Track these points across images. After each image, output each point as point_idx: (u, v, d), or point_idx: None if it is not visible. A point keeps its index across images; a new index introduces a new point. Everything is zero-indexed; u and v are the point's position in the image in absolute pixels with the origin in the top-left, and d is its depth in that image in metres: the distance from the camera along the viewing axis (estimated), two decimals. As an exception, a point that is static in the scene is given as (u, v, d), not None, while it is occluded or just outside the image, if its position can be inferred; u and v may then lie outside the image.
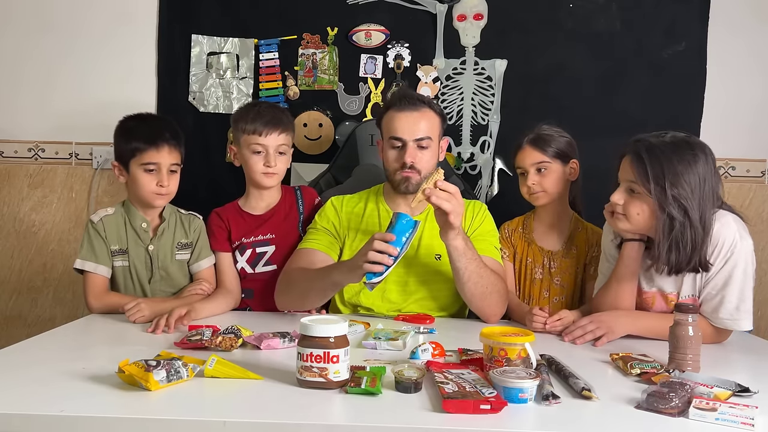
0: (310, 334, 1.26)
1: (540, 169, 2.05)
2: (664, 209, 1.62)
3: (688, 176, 1.62)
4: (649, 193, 1.63)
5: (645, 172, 1.63)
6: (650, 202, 1.65)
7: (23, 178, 2.76)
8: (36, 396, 1.22)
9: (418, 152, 1.94)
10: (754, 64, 2.66)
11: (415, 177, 1.95)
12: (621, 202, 1.70)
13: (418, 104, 1.96)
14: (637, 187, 1.66)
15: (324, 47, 2.67)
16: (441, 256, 1.96)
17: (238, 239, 2.08)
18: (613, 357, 1.52)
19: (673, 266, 1.66)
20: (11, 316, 2.78)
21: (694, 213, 1.62)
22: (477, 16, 2.64)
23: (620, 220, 1.72)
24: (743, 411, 1.16)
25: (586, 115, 2.58)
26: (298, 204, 2.16)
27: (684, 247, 1.63)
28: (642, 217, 1.68)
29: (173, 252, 2.01)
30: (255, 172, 2.05)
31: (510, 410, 1.18)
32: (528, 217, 2.17)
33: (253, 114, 2.05)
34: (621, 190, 1.70)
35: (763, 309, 2.68)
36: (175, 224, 2.02)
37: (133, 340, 1.65)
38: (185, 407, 1.19)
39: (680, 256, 1.64)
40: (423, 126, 1.94)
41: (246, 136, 2.04)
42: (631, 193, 1.69)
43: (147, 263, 1.98)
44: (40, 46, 2.72)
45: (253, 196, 2.12)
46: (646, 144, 1.66)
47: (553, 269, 2.07)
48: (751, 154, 2.65)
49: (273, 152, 2.04)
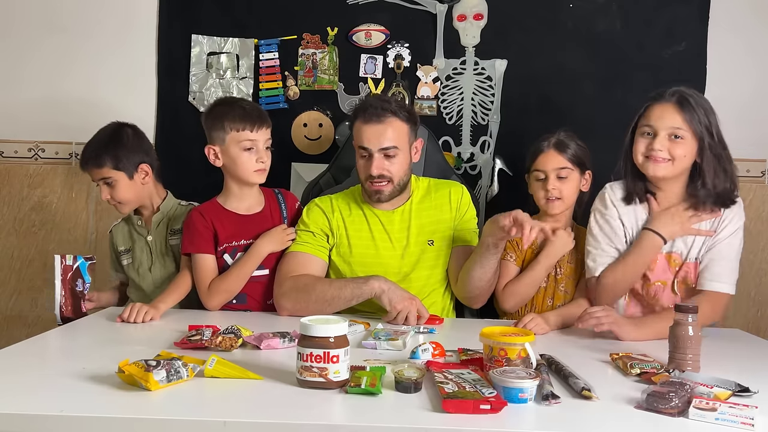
0: (310, 334, 1.26)
1: (561, 176, 2.03)
2: (711, 146, 1.82)
3: (715, 117, 1.85)
4: (695, 135, 1.81)
5: (692, 117, 1.81)
6: (693, 144, 1.83)
7: (23, 178, 2.76)
8: (36, 396, 1.22)
9: (385, 161, 1.97)
10: (754, 64, 2.66)
11: (388, 187, 2.00)
12: (664, 149, 1.82)
13: (381, 115, 1.97)
14: (683, 131, 1.82)
15: (324, 47, 2.67)
16: (434, 242, 2.01)
17: (227, 241, 2.05)
18: (613, 357, 1.52)
19: (720, 194, 1.85)
20: (11, 316, 2.78)
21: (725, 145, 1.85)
22: (477, 16, 2.64)
23: (663, 165, 1.84)
24: (743, 411, 1.16)
25: (587, 115, 2.58)
26: (281, 206, 2.15)
27: (727, 175, 1.84)
28: (687, 159, 1.84)
29: (167, 239, 2.17)
30: (246, 170, 2.03)
31: (510, 410, 1.18)
32: None
33: (239, 110, 2.04)
34: (661, 137, 1.82)
35: (763, 309, 2.68)
36: (170, 214, 2.20)
37: (133, 340, 1.65)
38: (185, 407, 1.19)
39: (725, 183, 1.84)
40: (389, 135, 1.97)
41: (235, 133, 2.01)
42: (674, 139, 1.82)
43: (147, 252, 2.18)
44: (40, 46, 2.72)
45: (234, 195, 2.09)
46: (681, 94, 1.84)
47: (559, 276, 2.05)
48: (751, 154, 2.64)
49: (262, 147, 2.04)
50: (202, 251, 2.03)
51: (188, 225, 2.07)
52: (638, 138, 1.88)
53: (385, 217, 2.06)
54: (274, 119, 2.17)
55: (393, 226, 2.05)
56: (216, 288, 2.01)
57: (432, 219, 2.06)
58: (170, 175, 2.68)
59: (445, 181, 2.16)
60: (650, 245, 1.88)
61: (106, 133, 2.18)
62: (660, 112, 1.84)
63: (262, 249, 2.03)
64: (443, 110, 2.67)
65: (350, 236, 2.06)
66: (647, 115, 1.87)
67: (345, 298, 1.90)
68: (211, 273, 2.03)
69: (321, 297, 1.91)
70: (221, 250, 2.05)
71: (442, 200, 2.09)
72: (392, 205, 2.06)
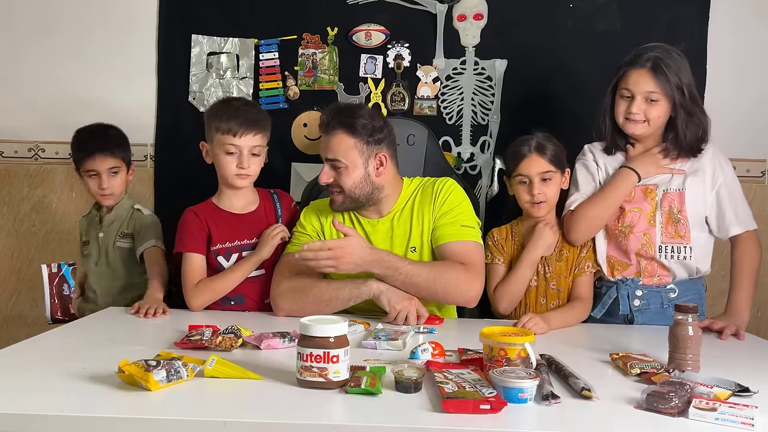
0: (310, 334, 1.26)
1: (544, 178, 2.03)
2: (683, 104, 1.96)
3: (687, 73, 1.98)
4: (667, 97, 1.95)
5: (666, 81, 1.94)
6: (666, 105, 1.97)
7: (23, 178, 2.76)
8: (36, 396, 1.22)
9: (333, 172, 1.97)
10: (754, 64, 2.66)
11: (339, 197, 1.99)
12: (641, 111, 1.97)
13: (328, 126, 1.96)
14: (657, 95, 1.95)
15: (324, 47, 2.67)
16: (416, 249, 1.99)
17: (221, 242, 2.05)
18: (613, 357, 1.52)
19: (690, 144, 1.99)
20: (11, 316, 2.78)
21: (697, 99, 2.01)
22: (477, 16, 2.64)
23: (640, 125, 2.00)
24: (743, 411, 1.16)
25: (587, 115, 2.57)
26: (275, 207, 2.14)
27: (698, 127, 1.99)
28: (662, 118, 2.00)
29: (116, 240, 2.23)
30: (227, 173, 2.03)
31: (510, 410, 1.18)
32: (515, 224, 2.14)
33: (229, 113, 2.01)
34: (638, 101, 1.96)
35: (763, 309, 2.68)
36: (122, 218, 2.25)
37: (133, 340, 1.65)
38: (185, 407, 1.20)
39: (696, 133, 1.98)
40: (332, 148, 1.96)
41: (219, 136, 2.00)
42: (650, 102, 1.96)
43: (97, 247, 2.26)
44: (40, 46, 2.72)
45: (226, 195, 2.10)
46: (655, 60, 1.95)
47: (548, 274, 2.06)
48: (751, 154, 2.64)
49: (247, 153, 2.01)
50: (191, 251, 2.03)
51: (182, 224, 2.07)
52: (619, 100, 2.02)
53: (370, 227, 2.03)
54: (274, 119, 2.17)
55: (377, 236, 2.02)
56: (203, 287, 2.00)
57: (416, 222, 2.01)
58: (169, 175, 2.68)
59: (433, 179, 2.10)
60: (626, 180, 2.02)
61: (108, 127, 2.29)
62: (636, 78, 1.98)
63: (256, 257, 2.04)
64: (443, 110, 2.67)
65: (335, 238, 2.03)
66: (625, 78, 2.00)
67: (343, 299, 1.90)
68: (199, 273, 2.03)
69: (318, 297, 1.91)
70: (215, 251, 2.05)
71: (426, 200, 2.03)
72: (378, 214, 2.03)
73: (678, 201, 2.02)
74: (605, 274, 2.06)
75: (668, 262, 2.02)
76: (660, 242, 2.01)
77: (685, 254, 2.01)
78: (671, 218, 2.02)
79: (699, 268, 2.03)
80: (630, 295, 2.03)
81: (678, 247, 2.01)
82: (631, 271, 2.04)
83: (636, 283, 2.04)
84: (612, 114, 2.05)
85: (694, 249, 2.01)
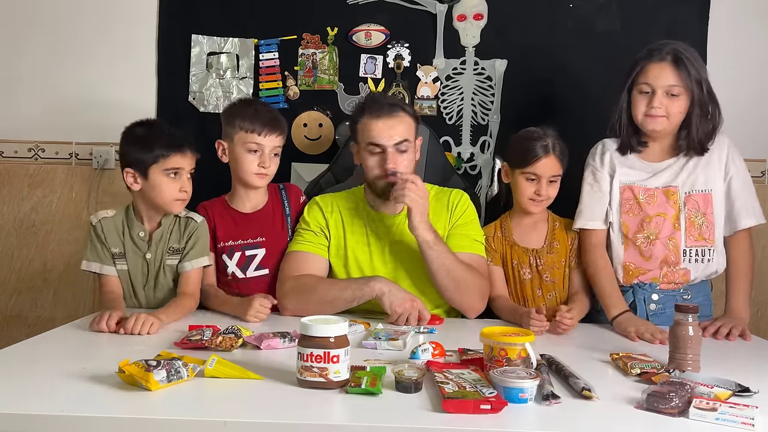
0: (310, 334, 1.26)
1: (552, 180, 2.03)
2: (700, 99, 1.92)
3: (705, 69, 1.96)
4: (687, 90, 1.91)
5: (687, 74, 1.90)
6: (686, 99, 1.93)
7: (23, 178, 2.76)
8: (36, 396, 1.22)
9: (398, 156, 1.96)
10: (754, 64, 2.66)
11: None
12: (662, 106, 1.92)
13: (393, 110, 1.97)
14: (679, 89, 1.91)
15: (324, 47, 2.67)
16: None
17: (225, 240, 2.06)
18: (613, 357, 1.52)
19: (700, 141, 1.95)
20: (11, 316, 2.78)
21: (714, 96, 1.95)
22: (477, 16, 2.64)
23: (660, 120, 1.94)
24: (743, 411, 1.16)
25: (587, 115, 2.57)
26: (283, 203, 2.14)
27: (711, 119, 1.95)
28: (681, 115, 1.94)
29: (164, 257, 1.97)
30: (247, 172, 2.03)
31: (510, 410, 1.18)
32: (504, 220, 2.14)
33: (252, 112, 2.03)
34: (659, 95, 1.91)
35: (763, 309, 2.68)
36: (171, 230, 1.98)
37: (133, 340, 1.65)
38: (185, 407, 1.20)
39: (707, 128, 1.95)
40: (400, 130, 1.96)
41: (243, 134, 2.01)
42: (670, 96, 1.92)
43: (144, 270, 1.97)
44: (41, 45, 2.72)
45: (239, 195, 2.11)
46: (676, 52, 1.92)
47: (540, 267, 2.06)
48: (751, 154, 2.63)
49: (268, 153, 2.03)
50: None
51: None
52: (637, 96, 1.97)
53: (386, 221, 2.05)
54: (274, 119, 2.17)
55: (391, 230, 2.04)
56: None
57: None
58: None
59: (448, 189, 2.14)
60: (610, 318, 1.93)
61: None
62: (657, 71, 1.93)
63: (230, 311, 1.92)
64: (443, 110, 2.67)
65: (347, 237, 2.06)
66: (644, 73, 1.95)
67: (346, 300, 1.90)
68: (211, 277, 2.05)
69: (322, 298, 1.91)
70: (220, 249, 2.07)
71: (441, 208, 2.07)
72: (396, 209, 2.05)
73: (702, 202, 1.98)
74: (620, 280, 2.00)
75: (692, 266, 1.97)
76: (685, 246, 1.97)
77: (709, 257, 1.97)
78: (695, 221, 1.98)
79: (718, 269, 2.00)
80: (646, 300, 1.99)
81: (702, 250, 1.97)
82: (648, 276, 1.99)
83: (653, 288, 1.99)
84: (629, 112, 1.99)
85: (715, 250, 1.98)
